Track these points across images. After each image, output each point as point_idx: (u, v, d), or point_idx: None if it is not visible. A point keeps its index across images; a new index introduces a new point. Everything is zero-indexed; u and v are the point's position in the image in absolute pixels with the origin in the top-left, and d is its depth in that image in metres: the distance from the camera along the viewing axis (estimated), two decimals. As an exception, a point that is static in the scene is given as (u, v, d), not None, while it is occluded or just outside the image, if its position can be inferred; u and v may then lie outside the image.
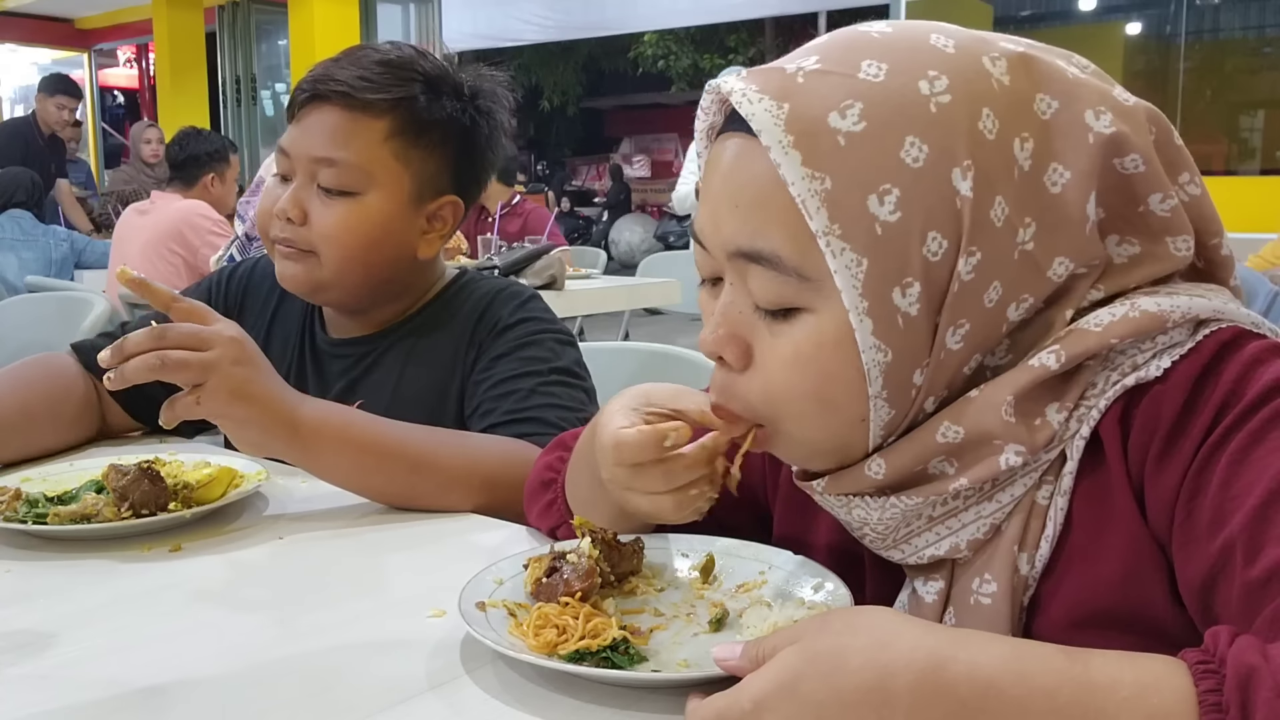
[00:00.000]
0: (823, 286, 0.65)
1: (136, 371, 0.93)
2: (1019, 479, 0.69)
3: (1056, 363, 0.67)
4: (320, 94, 1.23)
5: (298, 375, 1.35)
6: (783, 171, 0.64)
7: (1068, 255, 0.68)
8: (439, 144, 1.27)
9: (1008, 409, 0.67)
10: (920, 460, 0.70)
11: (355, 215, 1.23)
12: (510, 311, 1.29)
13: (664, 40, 16.50)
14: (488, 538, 1.02)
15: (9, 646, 0.78)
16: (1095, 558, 0.68)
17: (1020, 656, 0.55)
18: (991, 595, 0.70)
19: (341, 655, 0.77)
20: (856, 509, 0.73)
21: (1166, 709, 0.52)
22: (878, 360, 0.65)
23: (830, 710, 0.54)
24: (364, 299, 1.31)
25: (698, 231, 0.72)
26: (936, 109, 0.64)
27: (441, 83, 1.27)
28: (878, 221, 0.64)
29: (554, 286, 3.56)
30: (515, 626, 0.75)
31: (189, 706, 0.69)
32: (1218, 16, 8.95)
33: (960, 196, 0.64)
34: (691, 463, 0.77)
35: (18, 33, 11.27)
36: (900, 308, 0.65)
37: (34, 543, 1.01)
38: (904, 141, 0.64)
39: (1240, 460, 0.62)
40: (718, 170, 0.70)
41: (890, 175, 0.64)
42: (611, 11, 10.58)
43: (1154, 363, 0.66)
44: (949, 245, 0.64)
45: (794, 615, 0.75)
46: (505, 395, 1.22)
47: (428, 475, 1.07)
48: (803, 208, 0.64)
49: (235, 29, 9.04)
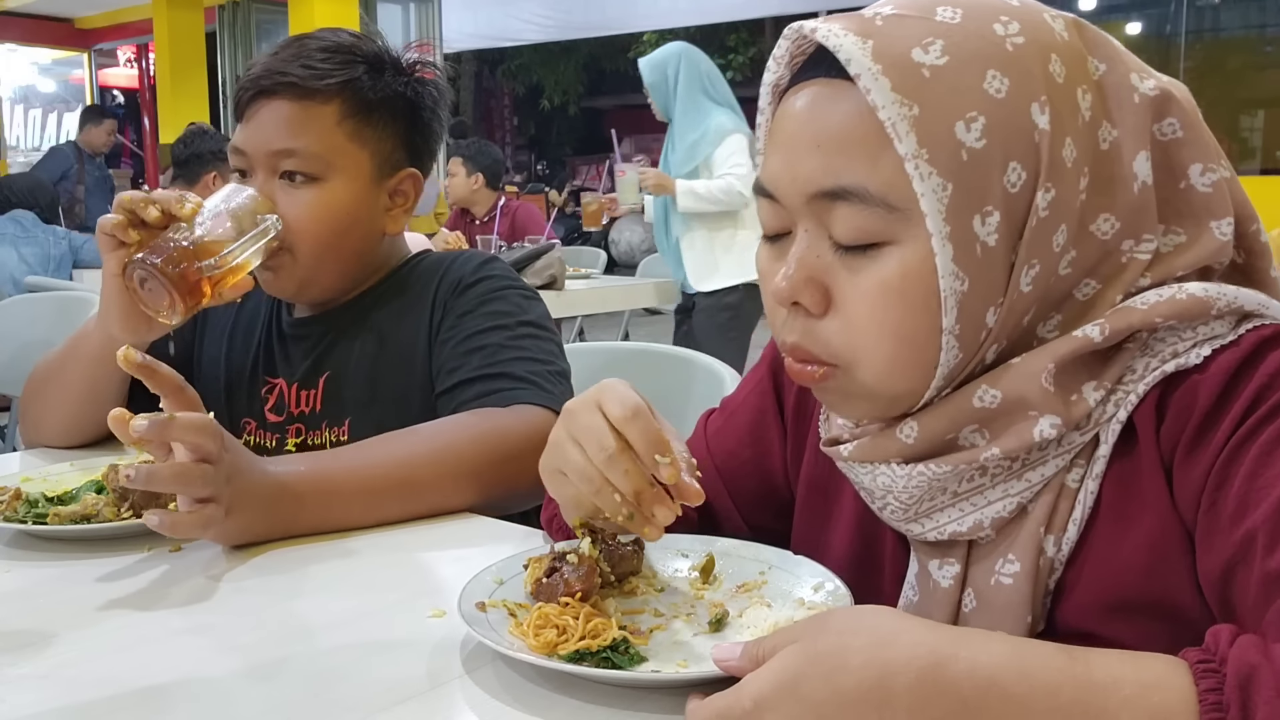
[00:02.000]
0: (910, 216, 0.66)
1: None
2: (1050, 459, 0.70)
3: (1100, 335, 0.68)
4: (266, 89, 1.24)
5: (265, 358, 1.34)
6: (872, 97, 0.65)
7: (1113, 214, 0.69)
8: (389, 120, 1.29)
9: (1047, 377, 0.67)
10: (954, 425, 0.71)
11: (322, 202, 1.24)
12: (472, 270, 1.30)
13: (664, 40, 16.48)
14: (488, 538, 1.02)
15: (9, 646, 0.78)
16: (1123, 544, 0.68)
17: (1021, 655, 0.55)
18: (1013, 575, 0.70)
19: (341, 655, 0.77)
20: (882, 476, 0.73)
21: (1168, 707, 0.52)
22: (955, 289, 0.66)
23: (831, 709, 0.54)
24: (343, 284, 1.32)
25: (767, 183, 0.73)
26: (1012, 48, 0.67)
27: (381, 61, 1.30)
28: (964, 148, 0.65)
29: (554, 286, 3.56)
30: (515, 626, 0.75)
31: (189, 706, 0.69)
32: (1218, 16, 8.95)
33: (1039, 130, 0.66)
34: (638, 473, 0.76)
35: (18, 33, 11.27)
36: (980, 236, 0.66)
37: (34, 543, 1.01)
38: (985, 74, 0.66)
39: (1268, 453, 0.62)
40: (791, 118, 0.71)
41: (975, 104, 0.66)
42: (611, 11, 10.57)
43: (1194, 351, 0.67)
44: (1027, 178, 0.66)
45: (794, 615, 0.75)
46: (474, 351, 1.21)
47: (412, 498, 1.06)
48: (892, 131, 0.65)
49: (235, 29, 9.03)
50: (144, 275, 1.08)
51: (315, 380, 1.29)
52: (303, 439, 1.28)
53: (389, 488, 1.06)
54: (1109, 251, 0.70)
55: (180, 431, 0.89)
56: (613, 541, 0.82)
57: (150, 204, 1.11)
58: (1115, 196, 0.69)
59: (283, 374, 1.32)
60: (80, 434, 1.31)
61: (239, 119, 1.27)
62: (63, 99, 12.15)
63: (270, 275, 1.24)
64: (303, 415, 1.29)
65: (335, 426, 1.26)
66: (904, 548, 0.78)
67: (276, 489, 0.99)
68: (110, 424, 0.88)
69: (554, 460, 0.79)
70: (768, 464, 0.93)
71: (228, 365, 1.36)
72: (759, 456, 0.93)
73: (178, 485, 0.90)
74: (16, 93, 11.80)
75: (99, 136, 7.52)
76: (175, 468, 0.90)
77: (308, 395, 1.29)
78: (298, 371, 1.31)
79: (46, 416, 1.31)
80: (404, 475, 1.06)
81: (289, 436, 1.28)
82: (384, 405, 1.25)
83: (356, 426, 1.24)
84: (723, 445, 0.95)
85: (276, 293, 1.29)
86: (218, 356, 1.37)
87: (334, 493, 1.03)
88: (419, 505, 1.06)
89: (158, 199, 1.11)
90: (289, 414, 1.29)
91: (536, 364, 1.20)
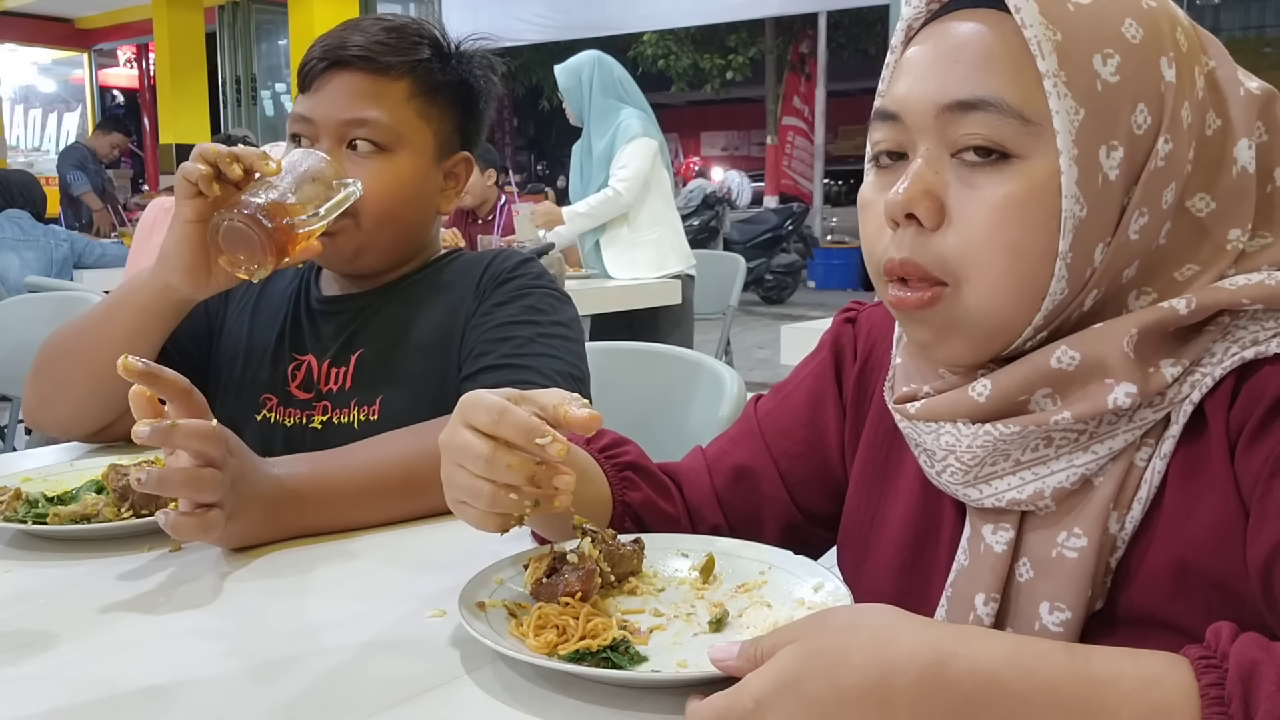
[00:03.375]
0: (1041, 133, 0.68)
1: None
2: (1120, 433, 0.70)
3: (1186, 308, 0.68)
4: (340, 60, 1.26)
5: (294, 334, 1.34)
6: (1021, 15, 0.68)
7: (1210, 194, 0.71)
8: (451, 103, 1.34)
9: (1129, 341, 0.68)
10: (1028, 386, 0.71)
11: (390, 172, 1.27)
12: (513, 266, 1.33)
13: (664, 40, 16.49)
14: (488, 538, 1.02)
15: (9, 646, 0.78)
16: (1187, 525, 0.69)
17: (1022, 652, 0.55)
18: (1079, 550, 0.70)
19: (341, 655, 0.77)
20: (946, 435, 0.74)
21: (1169, 702, 0.52)
22: (1075, 213, 0.68)
23: (832, 708, 0.54)
24: (395, 258, 1.34)
25: (892, 105, 0.74)
26: (1147, 7, 0.71)
27: (440, 46, 1.33)
28: (1099, 79, 0.68)
29: (554, 286, 3.55)
30: (515, 627, 0.75)
31: (189, 706, 0.69)
32: (1218, 16, 8.95)
33: (1165, 82, 0.69)
34: (521, 461, 0.74)
35: (18, 33, 11.28)
36: (1104, 168, 0.68)
37: (34, 543, 1.01)
38: (1124, 20, 0.69)
39: None
40: (928, 44, 0.74)
41: (1113, 42, 0.69)
42: (611, 11, 10.58)
43: (1275, 340, 0.67)
44: (1152, 123, 0.69)
45: (794, 615, 0.75)
46: (503, 340, 1.22)
47: (415, 498, 1.06)
48: (1036, 50, 0.68)
49: (235, 29, 9.04)
50: (240, 227, 1.07)
51: (347, 358, 1.29)
52: (329, 417, 1.27)
53: (391, 488, 1.06)
54: (1206, 234, 0.71)
55: (183, 439, 0.89)
56: (613, 541, 0.82)
57: (235, 160, 1.12)
58: (1214, 178, 0.71)
59: (312, 350, 1.31)
60: (98, 412, 1.26)
61: (305, 89, 1.29)
62: (63, 99, 12.16)
63: (330, 240, 1.24)
64: (330, 393, 1.28)
65: (366, 405, 1.26)
66: (962, 524, 0.78)
67: (279, 492, 0.99)
68: (131, 398, 0.87)
69: (450, 493, 0.78)
70: (824, 445, 0.94)
71: (249, 341, 1.36)
72: (815, 438, 0.94)
73: (188, 490, 0.90)
74: (16, 93, 11.81)
75: (103, 146, 7.97)
76: (186, 473, 0.89)
77: (338, 373, 1.29)
78: (330, 348, 1.31)
79: (63, 389, 1.26)
80: (406, 475, 1.06)
81: (315, 414, 1.28)
82: (416, 387, 1.25)
83: (387, 406, 1.24)
84: (776, 425, 0.96)
85: (331, 258, 1.29)
86: (240, 333, 1.37)
87: (336, 494, 1.03)
88: (422, 505, 1.06)
89: (241, 155, 1.12)
90: (317, 391, 1.29)
91: (562, 365, 1.21)
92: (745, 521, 0.95)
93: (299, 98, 1.30)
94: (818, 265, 11.90)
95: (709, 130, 23.44)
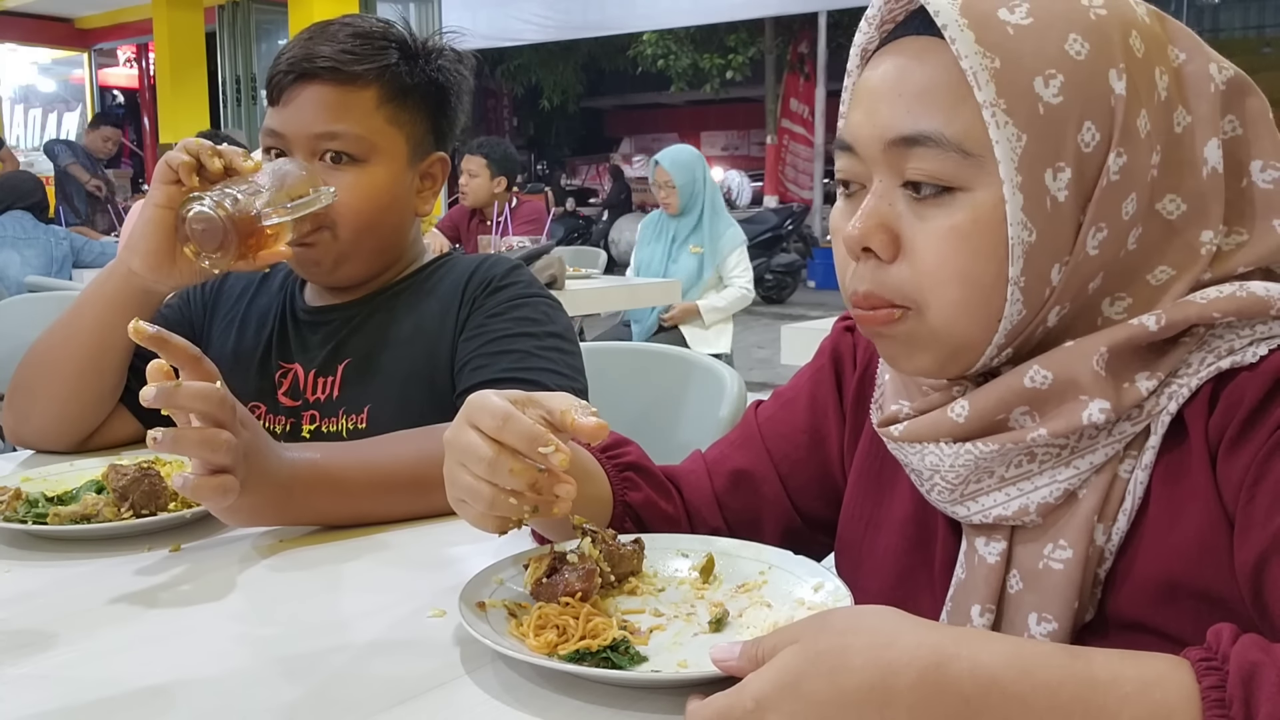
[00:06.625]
0: (983, 164, 0.68)
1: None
2: (1100, 447, 0.70)
3: (1156, 324, 0.68)
4: (306, 72, 1.25)
5: (280, 344, 1.34)
6: (957, 47, 0.67)
7: (1180, 196, 0.71)
8: (422, 105, 1.32)
9: (1099, 360, 0.68)
10: (1004, 405, 0.71)
11: (365, 183, 1.26)
12: (503, 274, 1.32)
13: (664, 40, 16.49)
14: (488, 538, 1.02)
15: (9, 646, 0.78)
16: (1171, 535, 0.69)
17: (1022, 654, 0.55)
18: (1065, 562, 0.71)
19: (341, 655, 0.77)
20: (930, 455, 0.74)
21: (1169, 704, 0.52)
22: (1023, 239, 0.67)
23: (833, 708, 0.54)
24: (376, 266, 1.34)
25: (847, 136, 0.75)
26: (1095, 18, 0.69)
27: (409, 47, 1.32)
28: (1041, 101, 0.67)
29: (554, 286, 3.56)
30: (515, 627, 0.75)
31: (189, 706, 0.69)
32: (1217, 16, 8.94)
33: (1115, 95, 0.68)
34: (523, 468, 0.74)
35: (18, 32, 11.27)
36: (1051, 190, 0.67)
37: (34, 543, 1.01)
38: (1068, 37, 0.68)
39: None
40: (877, 73, 0.74)
41: (1055, 62, 0.68)
42: (611, 11, 10.57)
43: (1250, 349, 0.67)
44: (1101, 139, 0.68)
45: (794, 615, 0.75)
46: (502, 353, 1.22)
47: (422, 497, 1.06)
48: (973, 80, 0.67)
49: (235, 29, 9.03)
50: (208, 214, 1.08)
51: (334, 367, 1.29)
52: (317, 425, 1.27)
53: (400, 485, 1.06)
54: (1177, 234, 0.71)
55: (187, 399, 0.87)
56: (613, 541, 0.82)
57: (216, 155, 1.14)
58: (1183, 179, 0.71)
59: (299, 360, 1.32)
60: (77, 416, 1.26)
61: (273, 103, 1.28)
62: (63, 99, 12.16)
63: (307, 251, 1.25)
64: (318, 402, 1.28)
65: (353, 414, 1.26)
66: (956, 536, 0.79)
67: (290, 474, 0.99)
68: (149, 372, 0.86)
69: (451, 491, 0.79)
70: (824, 451, 0.94)
71: (236, 352, 1.36)
72: (815, 443, 0.95)
73: (202, 450, 0.88)
74: (16, 93, 11.81)
75: (95, 141, 7.88)
76: (201, 432, 0.88)
77: (325, 382, 1.29)
78: (316, 358, 1.31)
79: (37, 397, 1.26)
80: (415, 474, 1.06)
81: (303, 423, 1.28)
82: (404, 395, 1.25)
83: (375, 415, 1.25)
84: (776, 430, 0.96)
85: (310, 269, 1.30)
86: (226, 346, 1.37)
87: (346, 484, 1.04)
88: (428, 504, 1.06)
89: (223, 152, 1.14)
90: (304, 400, 1.29)
91: (562, 378, 1.20)
92: (745, 525, 0.95)
93: (269, 111, 1.29)
94: (818, 265, 11.89)
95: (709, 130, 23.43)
